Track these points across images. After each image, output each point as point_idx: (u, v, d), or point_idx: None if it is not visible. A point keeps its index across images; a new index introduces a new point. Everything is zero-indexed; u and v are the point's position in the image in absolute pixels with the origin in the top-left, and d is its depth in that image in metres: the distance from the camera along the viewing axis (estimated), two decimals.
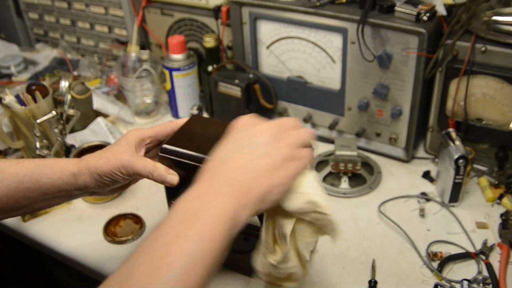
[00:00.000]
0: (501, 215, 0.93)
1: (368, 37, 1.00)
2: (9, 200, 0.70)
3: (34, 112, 1.06)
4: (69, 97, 1.19)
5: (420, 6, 0.96)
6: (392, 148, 1.11)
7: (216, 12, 1.22)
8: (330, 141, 1.15)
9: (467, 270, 0.85)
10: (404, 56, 0.99)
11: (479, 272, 0.84)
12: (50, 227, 0.97)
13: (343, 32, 1.03)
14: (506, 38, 0.92)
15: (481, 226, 0.93)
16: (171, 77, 1.22)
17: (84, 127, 1.17)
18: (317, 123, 1.19)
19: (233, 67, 1.24)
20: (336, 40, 1.06)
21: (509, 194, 0.98)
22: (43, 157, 1.04)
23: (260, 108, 1.18)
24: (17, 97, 1.08)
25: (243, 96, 1.13)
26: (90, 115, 1.20)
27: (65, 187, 0.71)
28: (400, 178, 1.06)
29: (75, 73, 1.38)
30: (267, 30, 1.14)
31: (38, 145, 1.04)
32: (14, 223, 0.99)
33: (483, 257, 0.86)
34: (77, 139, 1.12)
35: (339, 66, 1.09)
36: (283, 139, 0.62)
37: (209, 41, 1.20)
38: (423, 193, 1.01)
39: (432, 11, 0.97)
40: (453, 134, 0.96)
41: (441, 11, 0.99)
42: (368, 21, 0.98)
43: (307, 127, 0.66)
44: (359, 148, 1.11)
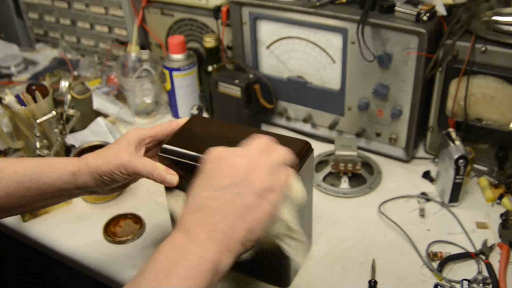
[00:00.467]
0: (501, 215, 0.93)
1: (368, 37, 1.00)
2: (8, 199, 0.70)
3: (34, 112, 1.06)
4: (69, 97, 1.18)
5: (420, 6, 0.96)
6: (392, 148, 1.11)
7: (216, 12, 1.22)
8: (330, 141, 1.15)
9: (467, 270, 0.85)
10: (404, 56, 0.99)
11: (479, 272, 0.84)
12: (50, 227, 0.97)
13: (343, 32, 1.03)
14: (506, 38, 0.92)
15: (481, 226, 0.93)
16: (171, 77, 1.22)
17: (84, 127, 1.17)
18: (317, 123, 1.19)
19: (233, 67, 1.24)
20: (336, 40, 1.06)
21: (509, 194, 0.98)
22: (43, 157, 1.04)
23: (260, 108, 1.19)
24: (17, 97, 1.08)
25: (243, 96, 1.13)
26: (90, 115, 1.20)
27: (65, 187, 0.71)
28: (400, 178, 1.06)
29: (75, 73, 1.39)
30: (267, 30, 1.14)
31: (38, 145, 1.04)
32: (14, 223, 0.99)
33: (483, 257, 0.86)
34: (77, 139, 1.12)
35: (339, 66, 1.09)
36: (256, 169, 0.59)
37: (209, 41, 1.20)
38: (423, 193, 1.01)
39: (432, 11, 0.97)
40: (453, 134, 0.96)
41: (441, 11, 0.99)
42: (368, 21, 0.97)
43: (281, 147, 0.65)
44: (359, 148, 1.11)
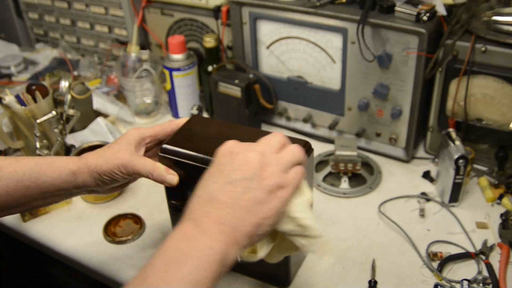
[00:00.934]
0: (501, 215, 0.93)
1: (368, 37, 1.00)
2: (8, 198, 0.70)
3: (34, 112, 1.06)
4: (69, 97, 1.19)
5: (420, 6, 0.96)
6: (392, 148, 1.11)
7: (216, 12, 1.22)
8: (330, 141, 1.15)
9: (467, 270, 0.85)
10: (404, 56, 0.99)
11: (479, 272, 0.84)
12: (50, 227, 0.97)
13: (343, 32, 1.03)
14: (506, 38, 0.92)
15: (481, 226, 0.93)
16: (171, 77, 1.22)
17: (84, 127, 1.17)
18: (317, 123, 1.19)
19: (233, 67, 1.24)
20: (336, 40, 1.06)
21: (509, 194, 0.98)
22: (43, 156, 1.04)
23: (260, 108, 1.18)
24: (17, 97, 1.08)
25: (243, 96, 1.13)
26: (90, 115, 1.20)
27: (64, 186, 0.71)
28: (400, 178, 1.06)
29: (75, 73, 1.39)
30: (267, 30, 1.14)
31: (38, 145, 1.04)
32: (14, 223, 0.99)
33: (483, 257, 0.86)
34: (77, 139, 1.12)
35: (339, 66, 1.09)
36: (268, 165, 0.60)
37: (209, 41, 1.20)
38: (423, 193, 1.01)
39: (432, 11, 0.97)
40: (453, 134, 0.96)
41: (441, 11, 0.99)
42: (368, 21, 0.97)
43: (294, 145, 0.65)
44: (359, 148, 1.11)
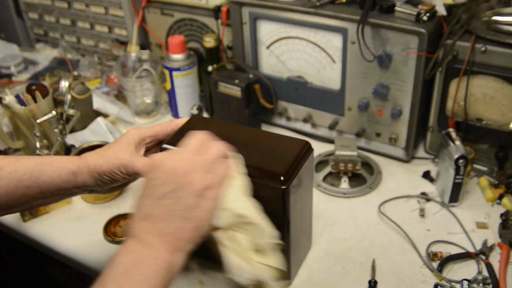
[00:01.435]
0: (501, 215, 0.93)
1: (368, 37, 1.00)
2: (8, 198, 0.70)
3: (34, 112, 1.06)
4: (69, 97, 1.19)
5: (420, 6, 0.96)
6: (392, 148, 1.11)
7: (216, 12, 1.22)
8: (330, 141, 1.15)
9: (467, 270, 0.85)
10: (404, 56, 0.99)
11: (479, 272, 0.84)
12: (50, 227, 0.97)
13: (343, 32, 1.03)
14: (506, 38, 0.92)
15: (481, 226, 0.93)
16: (171, 77, 1.22)
17: (84, 127, 1.17)
18: (317, 123, 1.19)
19: (233, 67, 1.24)
20: (336, 40, 1.06)
21: (509, 194, 0.98)
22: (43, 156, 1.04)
23: (260, 108, 1.19)
24: (17, 97, 1.08)
25: (243, 96, 1.13)
26: (90, 115, 1.20)
27: (64, 185, 0.71)
28: (400, 178, 1.06)
29: (75, 73, 1.38)
30: (267, 30, 1.14)
31: (38, 145, 1.04)
32: (14, 223, 0.99)
33: (483, 257, 0.86)
34: (77, 139, 1.12)
35: (339, 66, 1.09)
36: (192, 170, 0.63)
37: (209, 41, 1.20)
38: (423, 193, 1.01)
39: (432, 11, 0.97)
40: (453, 134, 0.96)
41: (441, 11, 0.99)
42: (368, 21, 0.98)
43: (213, 141, 0.68)
44: (359, 148, 1.11)
